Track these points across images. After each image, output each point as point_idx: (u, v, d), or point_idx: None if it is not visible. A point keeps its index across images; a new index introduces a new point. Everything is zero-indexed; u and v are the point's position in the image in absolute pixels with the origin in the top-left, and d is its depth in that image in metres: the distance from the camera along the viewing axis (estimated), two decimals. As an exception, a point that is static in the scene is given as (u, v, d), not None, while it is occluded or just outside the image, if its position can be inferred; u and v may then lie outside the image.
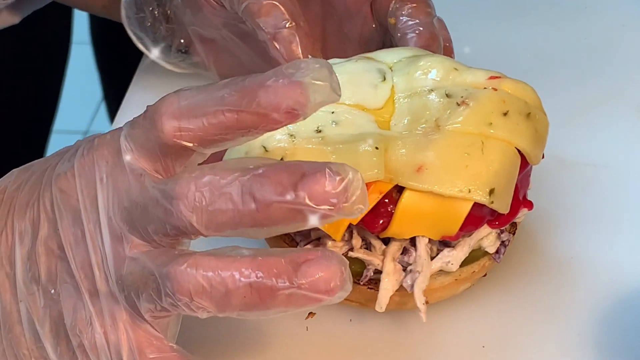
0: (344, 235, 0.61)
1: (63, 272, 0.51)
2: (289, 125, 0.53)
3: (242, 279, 0.47)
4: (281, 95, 0.47)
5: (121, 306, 0.50)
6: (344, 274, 0.47)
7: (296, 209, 0.47)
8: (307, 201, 0.46)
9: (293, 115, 0.48)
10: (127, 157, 0.50)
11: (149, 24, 0.72)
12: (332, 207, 0.46)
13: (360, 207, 0.47)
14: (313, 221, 0.47)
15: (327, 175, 0.46)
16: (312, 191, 0.46)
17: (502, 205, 0.60)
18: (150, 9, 0.72)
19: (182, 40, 0.74)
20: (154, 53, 0.74)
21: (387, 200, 0.59)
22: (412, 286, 0.61)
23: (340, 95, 0.48)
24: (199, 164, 0.51)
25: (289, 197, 0.46)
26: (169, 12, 0.72)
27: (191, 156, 0.50)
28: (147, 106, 0.51)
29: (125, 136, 0.51)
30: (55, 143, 1.28)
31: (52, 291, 0.51)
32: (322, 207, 0.46)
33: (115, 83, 1.36)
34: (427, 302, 0.61)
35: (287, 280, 0.47)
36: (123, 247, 0.50)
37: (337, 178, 0.46)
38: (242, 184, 0.47)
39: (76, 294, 0.51)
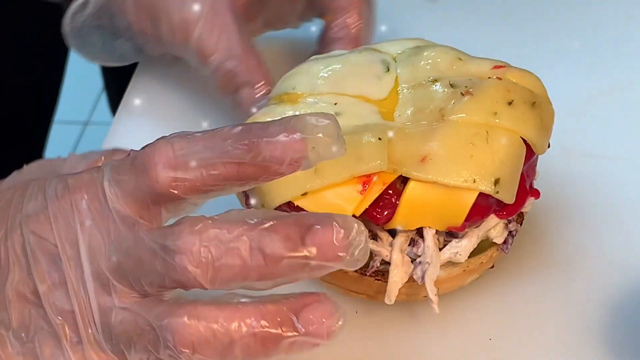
0: (350, 227, 0.61)
1: (39, 318, 0.49)
2: None
3: (246, 328, 0.47)
4: (287, 150, 0.47)
5: (106, 355, 0.49)
6: (340, 316, 0.48)
7: (304, 263, 0.47)
8: (316, 256, 0.47)
9: (294, 167, 0.48)
10: (116, 205, 0.49)
11: (100, 43, 0.72)
12: (339, 261, 0.47)
13: (361, 261, 0.48)
14: (317, 273, 0.48)
15: (334, 230, 0.47)
16: (321, 245, 0.47)
17: (508, 195, 0.59)
18: (99, 34, 0.72)
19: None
20: (108, 63, 0.74)
21: (391, 192, 0.58)
22: (422, 277, 0.60)
23: (345, 151, 0.49)
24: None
25: (299, 252, 0.47)
26: (118, 35, 0.71)
27: (181, 204, 0.50)
28: (132, 151, 0.49)
29: (109, 181, 0.49)
30: (56, 133, 1.28)
31: (25, 338, 0.49)
32: (330, 262, 0.47)
33: (115, 73, 1.35)
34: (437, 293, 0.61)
35: (291, 329, 0.47)
36: (111, 296, 0.48)
37: (343, 232, 0.47)
38: (250, 239, 0.47)
39: (54, 341, 0.49)
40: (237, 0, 0.69)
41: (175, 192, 0.48)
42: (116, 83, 1.19)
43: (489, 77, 0.62)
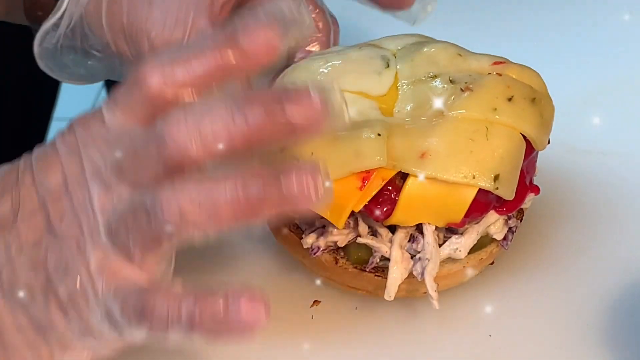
0: (350, 222, 0.61)
1: (50, 236, 0.51)
2: None
3: (230, 192, 0.48)
4: (262, 33, 0.49)
5: (109, 253, 0.50)
6: (324, 177, 0.48)
7: (285, 121, 0.48)
8: (295, 113, 0.48)
9: (272, 48, 0.49)
10: (108, 116, 0.51)
11: (71, 64, 0.72)
12: (320, 118, 0.48)
13: (345, 116, 0.49)
14: (301, 134, 0.49)
15: (311, 91, 0.48)
16: (299, 104, 0.48)
17: (507, 192, 0.59)
18: (70, 55, 0.72)
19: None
20: (82, 83, 0.74)
21: (390, 188, 0.58)
22: (422, 274, 0.60)
23: (311, 23, 0.51)
24: None
25: (277, 110, 0.48)
26: (89, 54, 0.71)
27: None
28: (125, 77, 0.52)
29: (106, 103, 0.52)
30: (56, 130, 1.28)
31: (36, 252, 0.52)
32: (310, 118, 0.48)
33: None
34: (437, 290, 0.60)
35: (273, 183, 0.48)
36: (112, 197, 0.50)
37: (320, 94, 0.48)
38: (230, 107, 0.48)
39: (62, 251, 0.51)
40: (216, 17, 0.69)
41: (167, 94, 0.50)
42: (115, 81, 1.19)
43: (489, 73, 0.62)
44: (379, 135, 0.58)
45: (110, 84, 1.42)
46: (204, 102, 0.49)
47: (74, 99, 1.86)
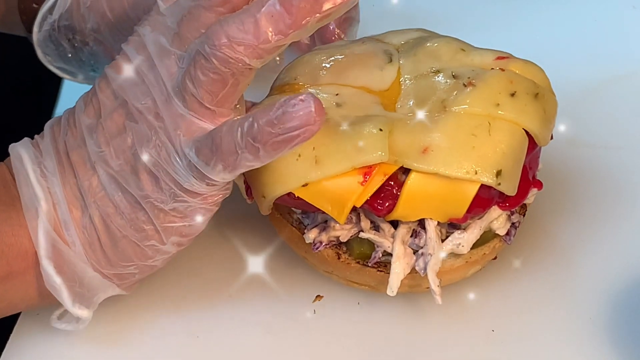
0: (352, 217, 0.61)
1: (131, 122, 0.58)
2: None
3: (267, 4, 0.53)
4: None
5: (181, 111, 0.56)
6: None
7: None
8: None
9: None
10: (163, 4, 0.58)
11: (69, 55, 0.72)
12: None
13: None
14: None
15: None
16: None
17: (510, 187, 0.59)
18: (68, 39, 0.71)
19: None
20: (80, 78, 0.74)
21: (392, 183, 0.58)
22: (424, 269, 0.60)
23: None
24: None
25: None
26: (87, 40, 0.71)
27: None
28: None
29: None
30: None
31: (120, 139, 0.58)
32: None
33: None
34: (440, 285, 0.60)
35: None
36: (175, 63, 0.56)
37: None
38: None
39: (141, 124, 0.57)
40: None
41: None
42: None
43: (492, 68, 0.61)
44: (380, 130, 0.58)
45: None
46: None
47: (74, 103, 1.87)
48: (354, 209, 0.59)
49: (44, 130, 0.62)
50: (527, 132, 0.60)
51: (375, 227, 0.62)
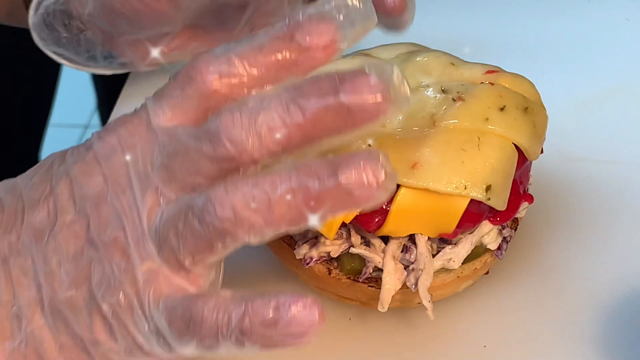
0: (342, 233, 0.61)
1: (91, 249, 0.48)
2: None
3: (283, 184, 0.45)
4: (320, 32, 0.47)
5: (156, 262, 0.47)
6: (384, 165, 0.45)
7: (343, 109, 0.46)
8: (352, 96, 0.45)
9: (332, 49, 0.47)
10: (155, 114, 0.49)
11: (65, 40, 0.71)
12: (381, 101, 0.45)
13: (407, 94, 0.46)
14: (361, 123, 0.46)
15: (367, 72, 0.45)
16: (356, 88, 0.45)
17: (499, 202, 0.59)
18: (64, 24, 0.70)
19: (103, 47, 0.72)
20: (77, 64, 0.73)
21: (381, 198, 0.58)
22: (415, 284, 0.60)
23: (376, 19, 0.48)
24: None
25: (334, 99, 0.46)
26: (84, 26, 0.70)
27: None
28: (174, 73, 0.49)
29: (153, 103, 0.49)
30: (56, 137, 1.28)
31: (77, 269, 0.49)
32: (370, 99, 0.45)
33: (108, 87, 1.35)
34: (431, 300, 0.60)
35: (330, 176, 0.45)
36: (159, 201, 0.48)
37: (377, 74, 0.45)
38: (285, 98, 0.46)
39: (104, 258, 0.48)
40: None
41: (222, 90, 0.48)
42: (109, 95, 1.18)
43: (482, 83, 0.61)
44: (369, 145, 0.58)
45: (102, 103, 1.42)
46: (257, 97, 0.47)
47: (70, 105, 1.87)
48: (344, 224, 0.59)
49: None
50: (517, 147, 0.60)
51: (366, 243, 0.61)
